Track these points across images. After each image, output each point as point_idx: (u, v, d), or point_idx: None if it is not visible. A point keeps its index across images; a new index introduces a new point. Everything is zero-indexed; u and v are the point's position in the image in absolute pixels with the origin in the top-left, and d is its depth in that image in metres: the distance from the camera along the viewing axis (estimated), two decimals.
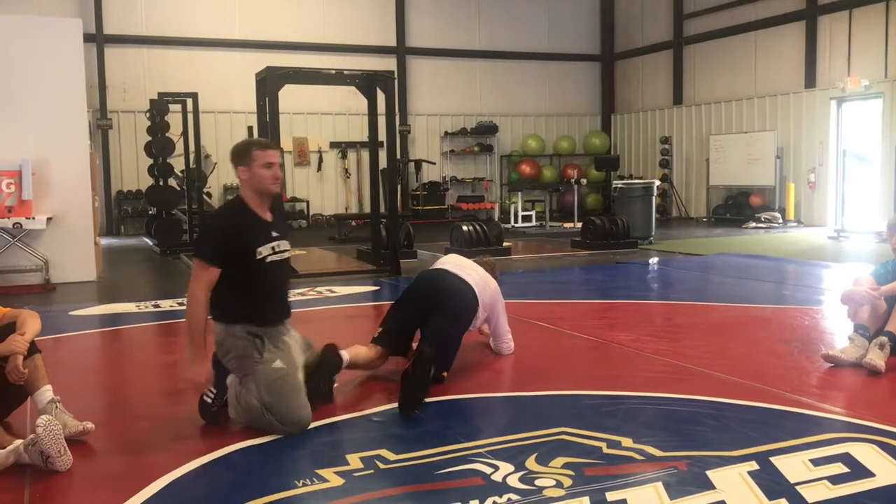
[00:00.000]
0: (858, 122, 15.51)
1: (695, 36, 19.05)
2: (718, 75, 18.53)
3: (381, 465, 3.23)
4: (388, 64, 18.46)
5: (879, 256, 8.07)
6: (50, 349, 4.83)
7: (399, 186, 15.04)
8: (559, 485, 2.97)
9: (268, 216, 3.91)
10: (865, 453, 3.24)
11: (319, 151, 18.82)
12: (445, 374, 4.42)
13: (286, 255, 3.95)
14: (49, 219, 8.93)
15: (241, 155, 3.85)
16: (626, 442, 3.41)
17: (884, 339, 4.51)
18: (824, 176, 15.86)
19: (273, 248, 3.86)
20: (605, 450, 3.34)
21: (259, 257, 3.79)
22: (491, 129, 20.25)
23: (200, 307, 3.69)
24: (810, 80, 16.20)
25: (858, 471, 3.07)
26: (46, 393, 3.61)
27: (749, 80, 17.73)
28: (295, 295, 8.00)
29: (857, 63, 15.25)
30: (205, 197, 14.63)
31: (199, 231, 3.95)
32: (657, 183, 14.68)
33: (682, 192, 19.46)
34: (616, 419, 3.78)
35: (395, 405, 4.01)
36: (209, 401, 3.85)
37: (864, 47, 15.15)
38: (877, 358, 4.43)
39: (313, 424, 3.74)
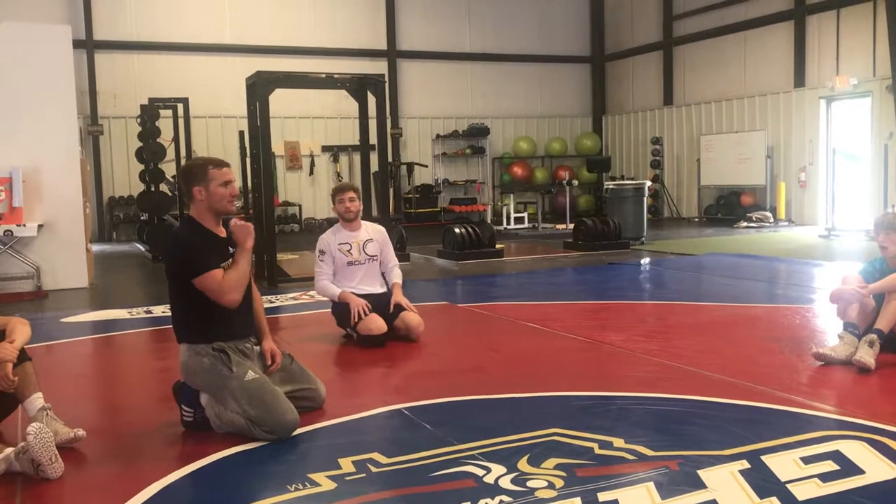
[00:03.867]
0: (848, 120, 15.58)
1: (684, 37, 19.12)
2: (708, 75, 18.59)
3: (374, 469, 3.23)
4: (379, 67, 18.46)
5: (869, 254, 8.10)
6: (41, 356, 4.82)
7: (391, 189, 15.04)
8: (551, 486, 2.98)
9: (222, 232, 3.86)
10: (855, 451, 3.25)
11: (311, 155, 18.82)
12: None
13: None
14: (40, 226, 8.91)
15: (196, 175, 3.76)
16: (618, 442, 3.42)
17: (873, 336, 4.54)
18: (814, 175, 15.94)
19: (230, 264, 3.81)
20: (597, 450, 3.35)
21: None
22: (482, 132, 20.26)
23: (233, 277, 3.70)
24: (799, 80, 16.27)
25: (848, 468, 3.09)
26: (37, 400, 3.60)
27: (739, 80, 17.80)
28: (287, 299, 8.01)
29: (845, 62, 15.32)
30: None
31: (187, 255, 3.76)
32: (648, 183, 14.72)
33: (674, 192, 19.51)
34: (608, 420, 3.79)
35: (388, 409, 4.06)
36: (190, 419, 3.84)
37: (852, 46, 15.23)
38: (866, 355, 4.45)
39: (307, 428, 3.75)
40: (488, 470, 3.15)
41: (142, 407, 4.40)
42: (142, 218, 15.22)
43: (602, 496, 2.89)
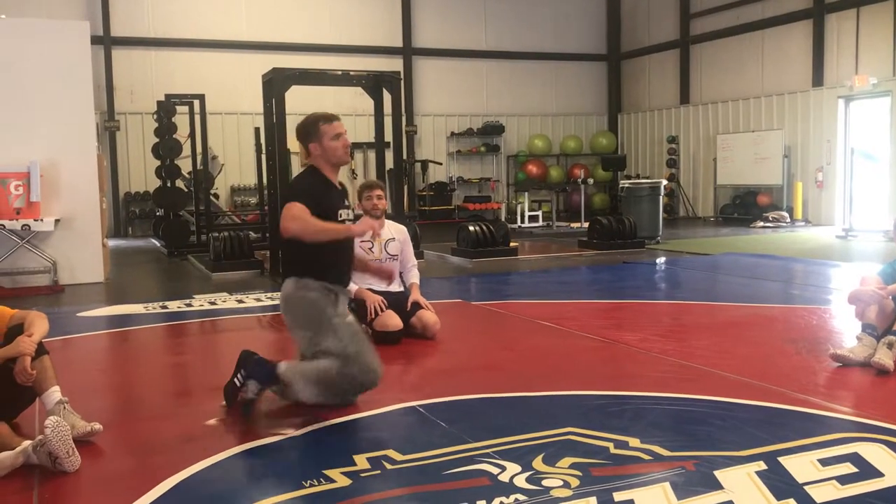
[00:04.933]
0: (866, 120, 15.45)
1: (702, 35, 19.01)
2: (725, 74, 18.48)
3: (388, 466, 3.23)
4: (395, 64, 18.47)
5: (888, 255, 8.04)
6: (58, 350, 4.85)
7: (406, 187, 15.04)
8: (566, 485, 2.97)
9: (338, 184, 4.08)
10: (874, 453, 3.22)
11: None
12: None
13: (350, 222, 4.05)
14: (57, 220, 8.97)
15: (308, 132, 3.97)
16: (634, 442, 3.41)
17: (892, 338, 4.49)
18: (832, 175, 15.81)
19: (346, 213, 4.00)
20: (613, 450, 3.33)
21: (340, 220, 3.92)
22: (497, 130, 20.24)
23: (314, 220, 3.72)
24: (818, 79, 16.15)
25: (867, 471, 3.06)
26: (54, 394, 3.62)
27: (756, 79, 17.68)
28: None
29: (864, 61, 15.19)
30: (212, 198, 14.67)
31: (290, 191, 4.02)
32: (664, 182, 14.65)
33: (690, 191, 19.42)
34: (623, 419, 3.77)
35: (403, 406, 4.06)
36: (238, 384, 3.85)
37: (871, 45, 15.10)
38: (885, 357, 4.41)
39: (322, 425, 3.76)
40: (503, 468, 3.15)
41: (158, 401, 4.43)
42: (157, 213, 15.31)
43: (618, 496, 2.87)
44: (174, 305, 7.56)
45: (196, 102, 13.70)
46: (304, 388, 3.78)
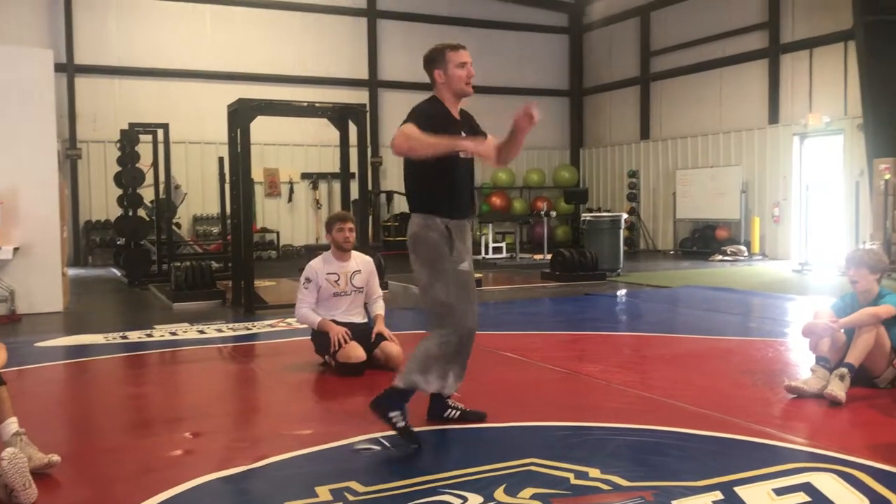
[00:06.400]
0: (820, 157, 15.87)
1: (662, 72, 19.45)
2: (685, 111, 18.90)
3: (351, 497, 3.24)
4: (360, 96, 18.61)
5: (842, 289, 8.24)
6: (15, 381, 4.77)
7: (371, 218, 15.07)
8: None
9: (457, 115, 4.08)
10: (826, 483, 3.30)
11: (290, 182, 18.84)
12: None
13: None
14: (16, 249, 8.85)
15: (435, 59, 4.01)
16: (594, 472, 3.45)
17: (844, 370, 4.61)
18: (788, 210, 16.19)
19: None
20: (573, 480, 3.37)
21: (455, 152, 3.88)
22: None
23: (422, 136, 3.69)
24: (774, 117, 16.58)
25: (819, 500, 3.14)
26: (11, 425, 3.57)
27: (714, 116, 18.10)
28: (264, 326, 7.98)
29: (818, 100, 15.66)
30: (174, 228, 14.55)
31: (409, 114, 3.96)
32: (625, 216, 14.88)
33: (650, 224, 19.72)
34: (584, 450, 3.82)
35: (366, 437, 4.06)
36: (394, 423, 3.94)
37: (824, 86, 15.57)
38: (837, 389, 4.53)
39: (284, 456, 3.75)
40: (465, 499, 3.17)
41: (117, 433, 4.37)
42: (118, 242, 15.14)
43: None
44: (134, 336, 7.47)
45: (160, 131, 13.64)
46: (422, 377, 3.91)
